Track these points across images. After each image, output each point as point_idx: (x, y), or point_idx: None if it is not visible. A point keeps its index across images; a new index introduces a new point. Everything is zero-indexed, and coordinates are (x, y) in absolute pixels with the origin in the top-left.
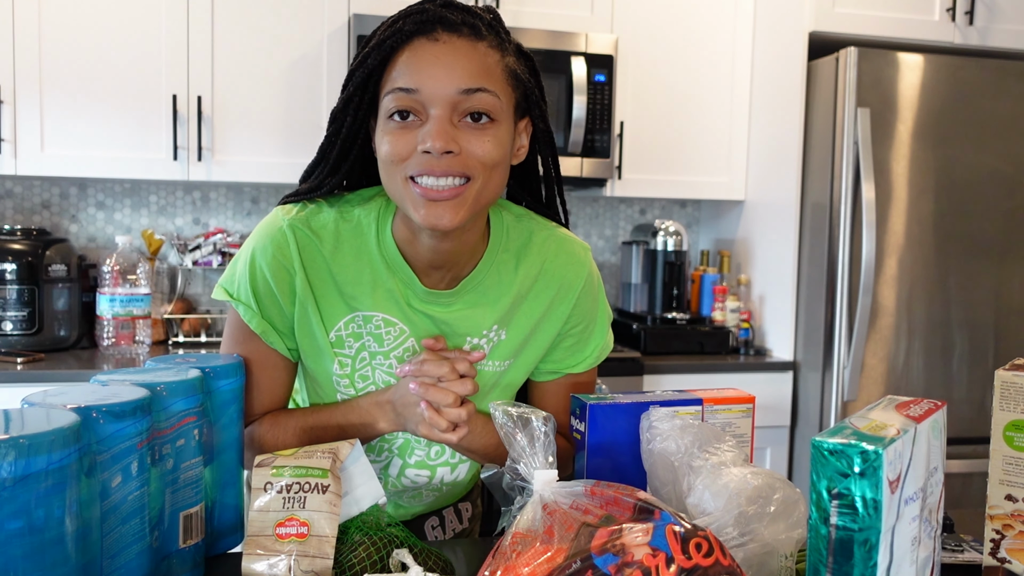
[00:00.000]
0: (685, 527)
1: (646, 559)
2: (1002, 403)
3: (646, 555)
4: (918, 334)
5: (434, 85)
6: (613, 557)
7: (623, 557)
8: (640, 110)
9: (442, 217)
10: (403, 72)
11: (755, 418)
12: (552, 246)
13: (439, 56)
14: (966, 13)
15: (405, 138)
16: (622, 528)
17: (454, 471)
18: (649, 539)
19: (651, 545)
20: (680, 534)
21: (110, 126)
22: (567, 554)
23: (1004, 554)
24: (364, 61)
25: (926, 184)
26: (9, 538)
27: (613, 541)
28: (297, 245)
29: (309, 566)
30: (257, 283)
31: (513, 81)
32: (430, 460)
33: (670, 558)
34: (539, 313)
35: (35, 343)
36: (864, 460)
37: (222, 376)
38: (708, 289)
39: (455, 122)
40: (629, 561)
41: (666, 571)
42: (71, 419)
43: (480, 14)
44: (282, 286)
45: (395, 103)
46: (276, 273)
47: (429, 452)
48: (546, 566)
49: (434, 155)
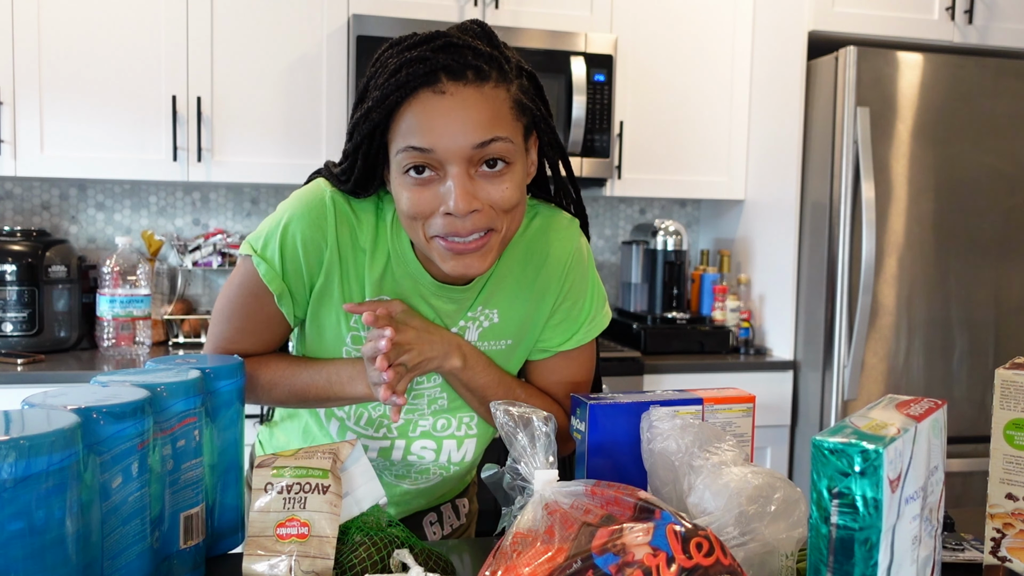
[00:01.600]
0: (686, 527)
1: (647, 559)
2: (1002, 402)
3: (647, 555)
4: (918, 333)
5: (448, 143)
6: (614, 557)
7: (624, 557)
8: (640, 110)
9: (471, 267)
10: (414, 130)
11: (755, 417)
12: (538, 223)
13: (449, 112)
14: (965, 12)
15: (425, 195)
16: (623, 528)
17: (460, 447)
18: (650, 539)
19: (652, 545)
20: (681, 534)
21: (110, 127)
22: (568, 554)
23: (1005, 553)
24: (368, 115)
25: (926, 183)
26: (10, 539)
27: (614, 541)
28: (336, 220)
29: (310, 566)
30: (286, 247)
31: (520, 112)
32: (435, 432)
33: (671, 558)
34: (529, 288)
35: (35, 344)
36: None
37: (222, 377)
38: (708, 289)
39: (472, 174)
40: (630, 561)
41: (667, 571)
42: (71, 420)
43: (479, 48)
44: (310, 257)
45: (410, 160)
46: (308, 243)
47: (435, 424)
48: (547, 566)
49: (458, 216)
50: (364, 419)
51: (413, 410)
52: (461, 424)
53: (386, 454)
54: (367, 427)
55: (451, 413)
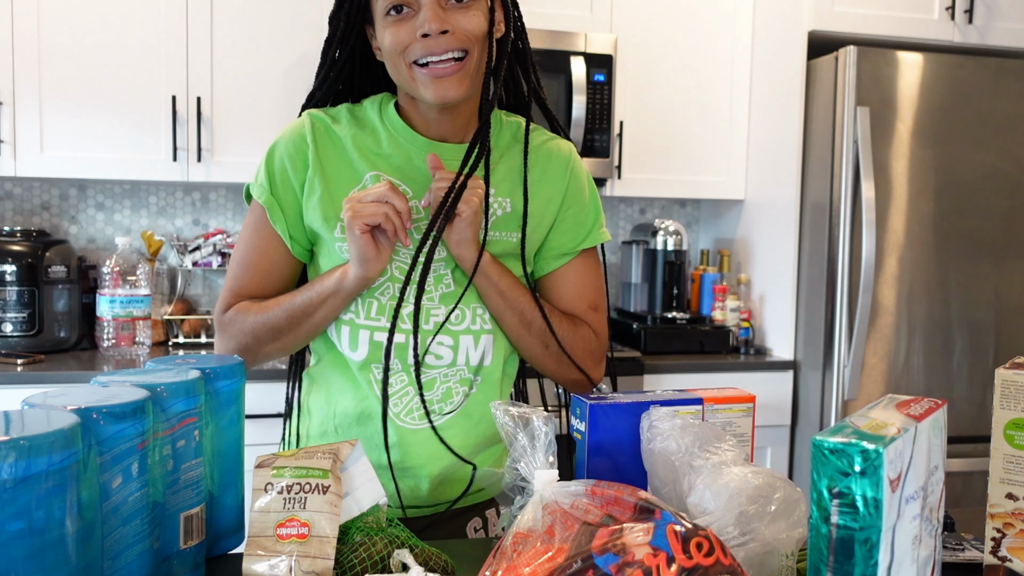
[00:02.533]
0: (686, 527)
1: (647, 559)
2: (1003, 401)
3: (647, 555)
4: (918, 333)
5: None
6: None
7: (624, 557)
8: (639, 110)
9: (449, 90)
10: None
11: (755, 417)
12: (539, 133)
13: None
14: (965, 12)
15: (404, 28)
16: (623, 528)
17: (478, 344)
18: (650, 539)
19: (652, 545)
20: (681, 534)
21: (109, 127)
22: (568, 554)
23: (1005, 552)
24: None
25: (926, 183)
26: (10, 539)
27: (614, 541)
28: (312, 125)
29: (310, 567)
30: (274, 165)
31: None
32: (450, 325)
33: (671, 558)
34: (538, 183)
35: (35, 344)
36: (865, 459)
37: (222, 377)
38: (708, 288)
39: (444, 5)
40: (630, 561)
41: (667, 571)
42: (71, 420)
43: None
44: (296, 162)
45: (389, 2)
46: (291, 151)
47: (448, 317)
48: (547, 566)
49: (432, 36)
50: (375, 308)
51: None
52: (475, 317)
53: (403, 355)
54: (378, 316)
55: (464, 304)
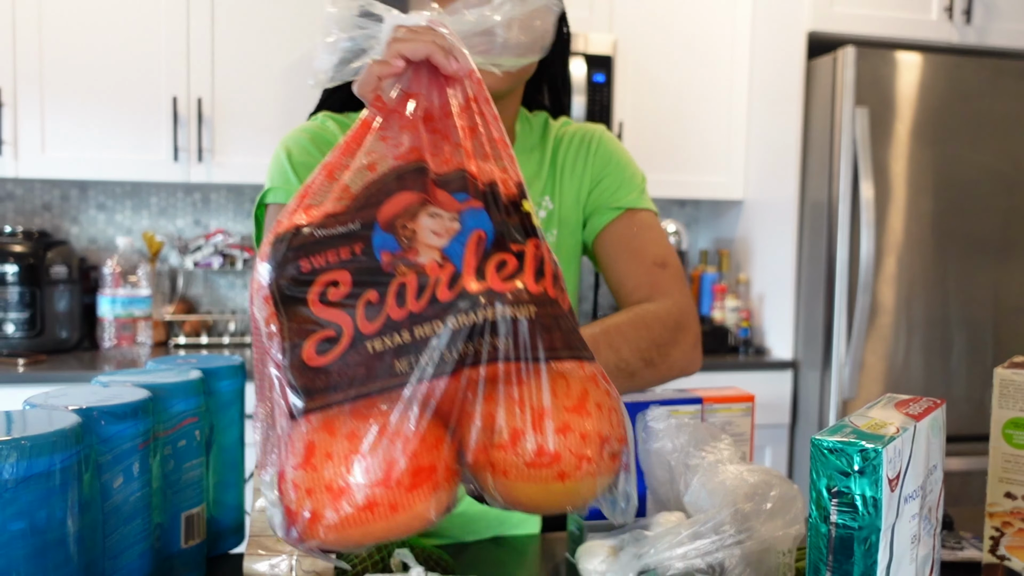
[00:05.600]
0: (499, 235)
1: (430, 267)
2: (1001, 401)
3: (432, 262)
4: (917, 332)
5: None
6: (395, 243)
7: (406, 250)
8: (639, 110)
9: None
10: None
11: (755, 417)
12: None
13: None
14: (964, 12)
15: None
16: (423, 205)
17: None
18: (445, 243)
19: (443, 251)
20: (486, 246)
21: (111, 128)
22: (351, 205)
23: (1004, 551)
24: None
25: (925, 183)
26: (11, 539)
27: (405, 221)
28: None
29: (311, 566)
30: (293, 157)
31: None
32: None
33: (456, 275)
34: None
35: (36, 345)
36: (864, 458)
37: (223, 377)
38: (708, 288)
39: None
40: (410, 259)
41: (445, 291)
42: (72, 420)
43: None
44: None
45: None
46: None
47: None
48: (328, 207)
49: None
50: None
51: None
52: None
53: None
54: None
55: None
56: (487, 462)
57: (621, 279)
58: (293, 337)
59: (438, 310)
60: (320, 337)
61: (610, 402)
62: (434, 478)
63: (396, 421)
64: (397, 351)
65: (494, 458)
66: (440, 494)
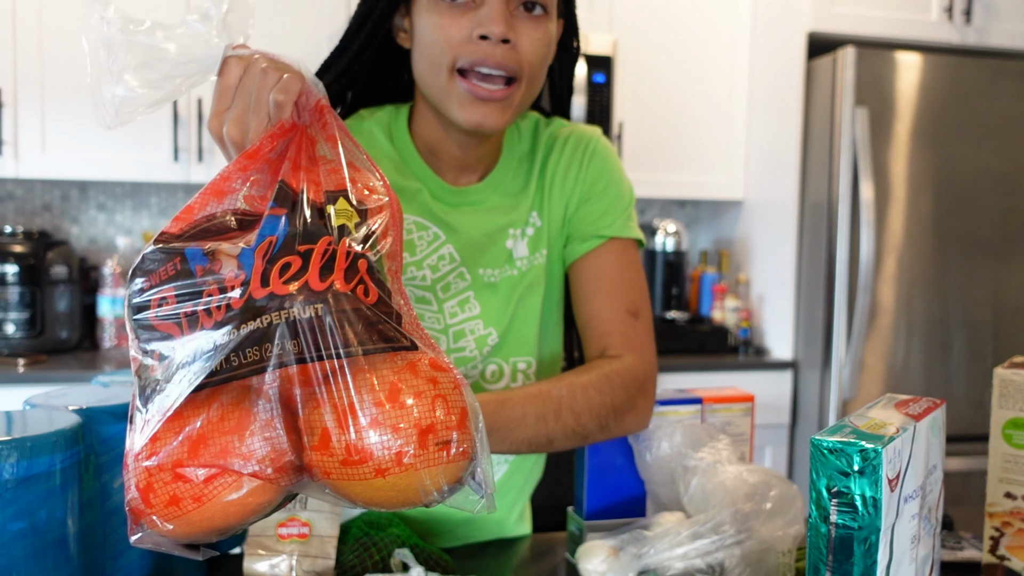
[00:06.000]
0: (287, 240)
1: (228, 279)
2: (1001, 401)
3: (231, 273)
4: (917, 333)
5: None
6: (202, 256)
7: (211, 262)
8: (639, 110)
9: (488, 117)
10: None
11: (755, 417)
12: (557, 122)
13: None
14: (964, 12)
15: (458, 21)
16: (226, 223)
17: None
18: (238, 252)
19: (239, 260)
20: (272, 252)
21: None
22: (184, 226)
23: (1003, 551)
24: None
25: (924, 183)
26: (12, 539)
27: (211, 240)
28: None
29: (311, 566)
30: None
31: None
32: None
33: (246, 281)
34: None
35: (37, 345)
36: (863, 458)
37: None
38: (707, 289)
39: (512, 10)
40: (214, 271)
41: (238, 300)
42: (73, 420)
43: None
44: None
45: None
46: None
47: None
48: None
49: (491, 41)
50: None
51: None
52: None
53: None
54: None
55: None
56: (310, 464)
57: (590, 319)
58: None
59: (233, 317)
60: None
61: (435, 390)
62: (226, 474)
63: (188, 420)
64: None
65: (313, 460)
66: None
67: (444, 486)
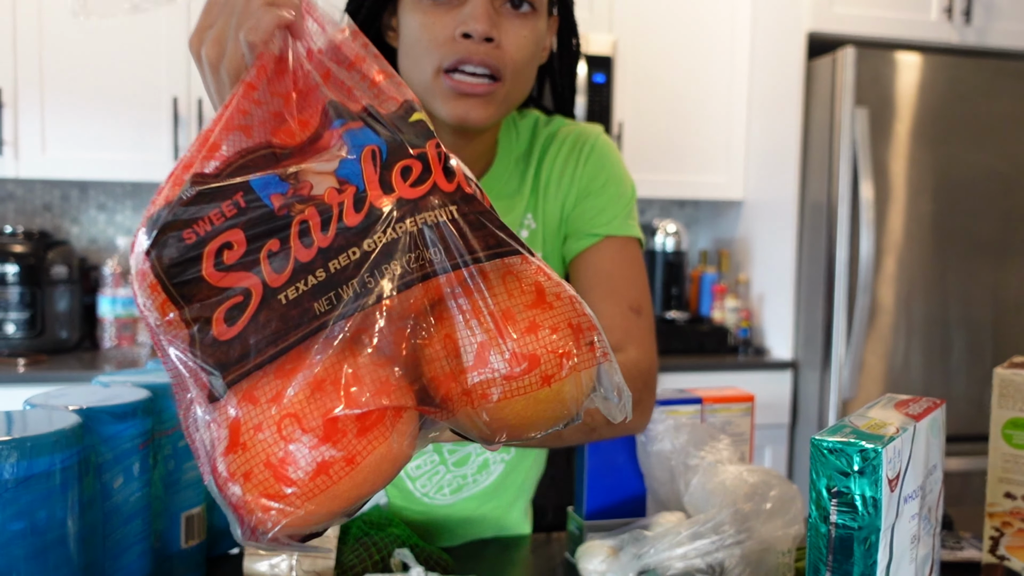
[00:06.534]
0: (391, 145)
1: (328, 195)
2: (1001, 401)
3: (329, 190)
4: (917, 333)
5: None
6: (280, 183)
7: (295, 187)
8: (639, 111)
9: (472, 110)
10: None
11: (754, 417)
12: (557, 121)
13: None
14: (963, 13)
15: (442, 20)
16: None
17: None
18: (335, 166)
19: (338, 176)
20: (382, 156)
21: (111, 129)
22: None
23: (1003, 551)
24: None
25: (924, 183)
26: (11, 539)
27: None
28: None
29: (311, 566)
30: None
31: None
32: None
33: (361, 194)
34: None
35: (37, 345)
36: (863, 458)
37: None
38: (707, 289)
39: (496, 7)
40: (303, 194)
41: (353, 215)
42: (73, 420)
43: None
44: None
45: None
46: None
47: None
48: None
49: (474, 40)
50: None
51: None
52: None
53: None
54: None
55: None
56: (461, 392)
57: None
58: (197, 319)
59: (350, 236)
60: (227, 307)
61: (566, 291)
62: (385, 413)
63: (323, 366)
64: (313, 293)
65: (467, 383)
66: (401, 426)
67: (593, 390)
